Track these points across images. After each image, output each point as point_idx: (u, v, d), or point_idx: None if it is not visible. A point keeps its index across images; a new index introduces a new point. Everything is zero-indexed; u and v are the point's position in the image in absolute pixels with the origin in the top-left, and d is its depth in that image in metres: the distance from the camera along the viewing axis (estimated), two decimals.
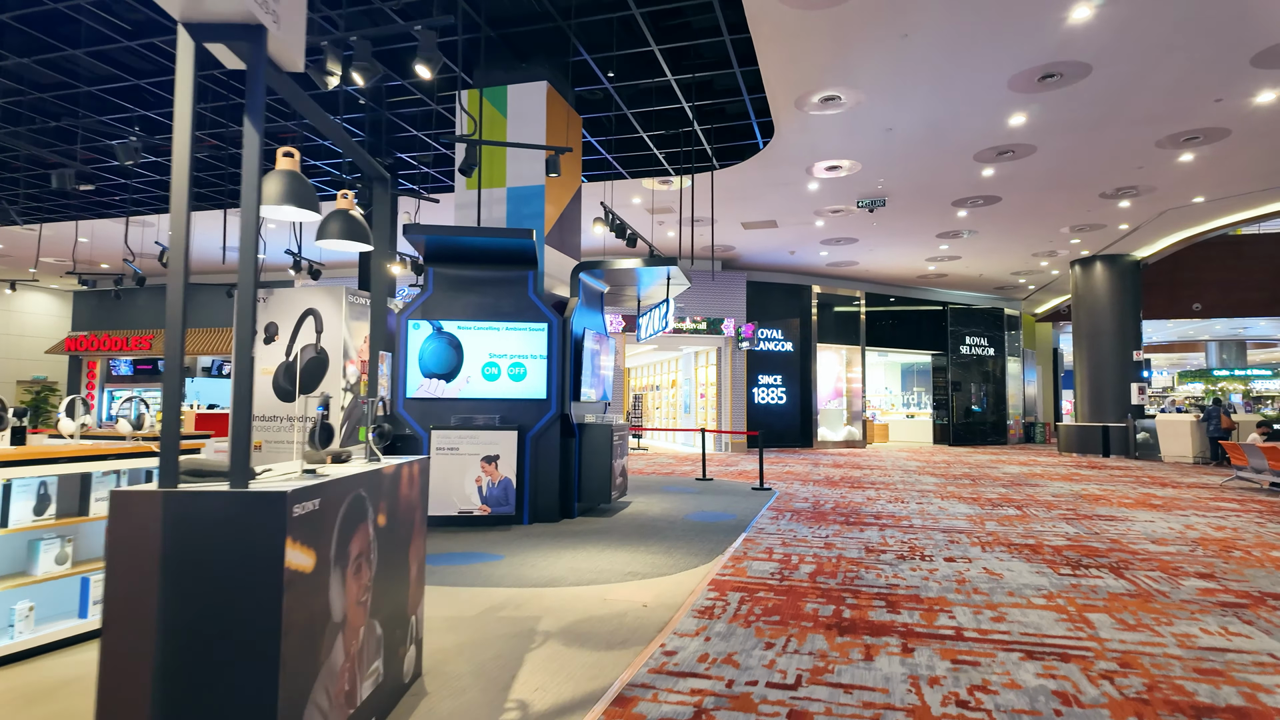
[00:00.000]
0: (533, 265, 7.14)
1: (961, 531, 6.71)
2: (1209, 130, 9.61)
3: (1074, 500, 8.97)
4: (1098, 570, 5.15)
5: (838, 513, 7.83)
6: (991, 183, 11.95)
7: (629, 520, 7.19)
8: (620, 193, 12.75)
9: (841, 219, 14.29)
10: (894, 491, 9.84)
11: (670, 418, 23.72)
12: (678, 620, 3.96)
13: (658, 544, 6.03)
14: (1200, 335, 33.96)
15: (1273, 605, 4.28)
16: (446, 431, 6.68)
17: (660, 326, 8.55)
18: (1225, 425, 13.76)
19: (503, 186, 8.06)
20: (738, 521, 7.18)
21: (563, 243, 8.28)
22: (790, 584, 4.74)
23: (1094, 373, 17.30)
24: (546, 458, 7.08)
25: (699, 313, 17.94)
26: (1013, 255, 17.46)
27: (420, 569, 3.11)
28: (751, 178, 11.81)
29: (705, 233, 15.69)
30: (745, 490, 9.83)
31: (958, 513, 7.90)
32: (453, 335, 6.95)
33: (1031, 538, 6.41)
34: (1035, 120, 9.37)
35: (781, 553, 5.71)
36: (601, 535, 6.41)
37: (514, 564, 5.28)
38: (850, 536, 6.41)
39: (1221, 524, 7.21)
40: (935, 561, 5.42)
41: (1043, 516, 7.65)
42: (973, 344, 22.88)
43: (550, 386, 7.06)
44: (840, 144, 10.32)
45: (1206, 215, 13.93)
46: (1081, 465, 14.40)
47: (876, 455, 17.17)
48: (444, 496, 6.63)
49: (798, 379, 19.59)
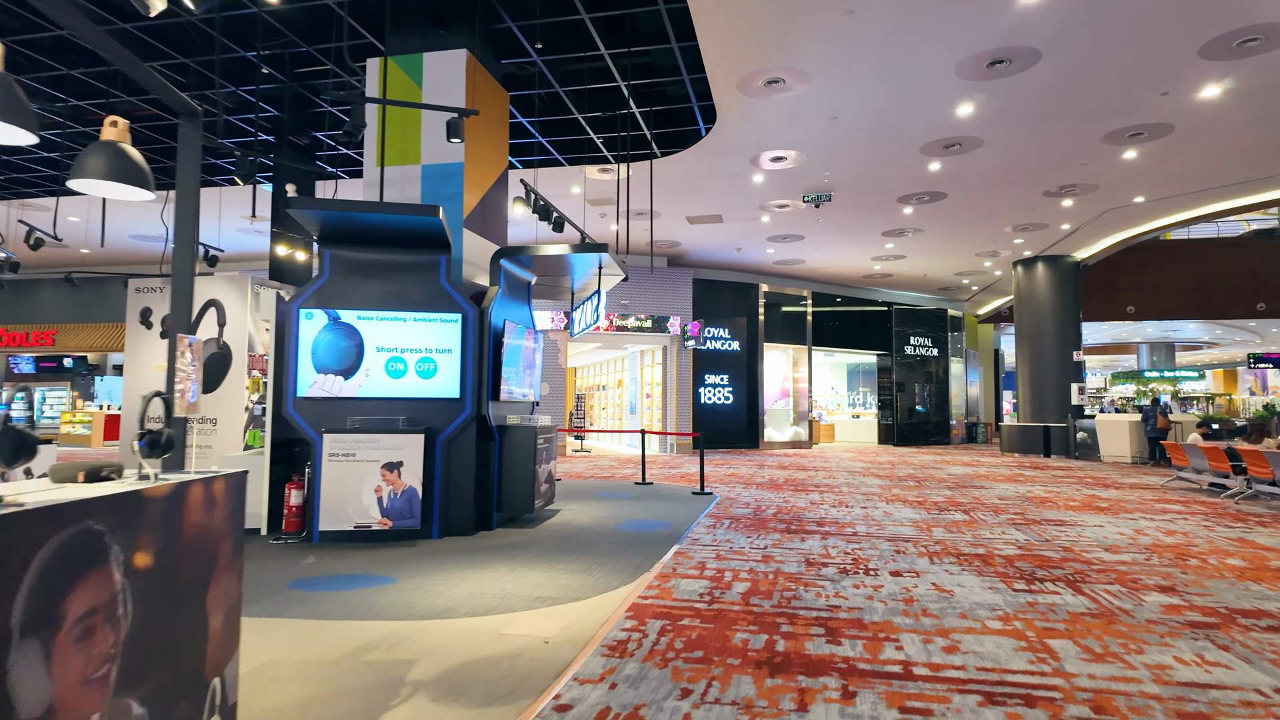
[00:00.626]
0: (445, 249, 6.42)
1: (908, 540, 6.27)
2: (1154, 126, 9.48)
3: (1021, 503, 8.69)
4: (1054, 585, 4.72)
5: (779, 520, 7.32)
6: (938, 178, 11.69)
7: (553, 532, 6.53)
8: (559, 181, 12.07)
9: (788, 215, 13.91)
10: (838, 495, 9.42)
11: (616, 419, 23.12)
12: (582, 659, 3.33)
13: (580, 560, 5.39)
14: (1133, 338, 35.07)
15: (1244, 625, 3.89)
16: (341, 435, 5.91)
17: (592, 320, 7.92)
18: (1161, 425, 13.86)
19: (417, 164, 7.31)
20: (672, 531, 6.60)
21: (486, 228, 7.56)
22: (720, 607, 4.16)
23: (1035, 373, 17.37)
24: (460, 464, 6.37)
25: (644, 310, 17.37)
26: (957, 255, 17.41)
27: (229, 618, 2.40)
28: (695, 168, 11.28)
29: (655, 229, 15.13)
30: (685, 495, 9.27)
31: (903, 518, 7.49)
32: (351, 326, 6.18)
33: (981, 546, 5.99)
34: (983, 111, 9.07)
35: (715, 568, 5.14)
36: (518, 551, 5.74)
37: (406, 589, 4.56)
38: (790, 547, 5.89)
39: (1171, 528, 6.95)
40: (880, 576, 4.93)
41: (991, 522, 7.29)
42: (917, 344, 22.93)
43: (465, 384, 6.35)
44: (785, 132, 9.87)
45: (1145, 216, 14.02)
46: (1024, 466, 14.34)
47: (822, 456, 16.88)
48: (337, 509, 5.86)
49: (745, 379, 19.20)
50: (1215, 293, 22.13)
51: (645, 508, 8.08)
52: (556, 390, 16.47)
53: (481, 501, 6.54)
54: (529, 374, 7.46)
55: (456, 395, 6.30)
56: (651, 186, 11.24)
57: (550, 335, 16.52)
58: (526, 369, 7.39)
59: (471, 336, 6.39)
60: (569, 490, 9.67)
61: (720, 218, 14.17)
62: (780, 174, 11.56)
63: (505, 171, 8.15)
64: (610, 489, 9.91)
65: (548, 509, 7.84)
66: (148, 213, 14.04)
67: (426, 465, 6.07)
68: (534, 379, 7.65)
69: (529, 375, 7.46)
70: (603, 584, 4.69)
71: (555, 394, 16.45)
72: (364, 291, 6.31)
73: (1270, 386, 37.54)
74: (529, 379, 7.46)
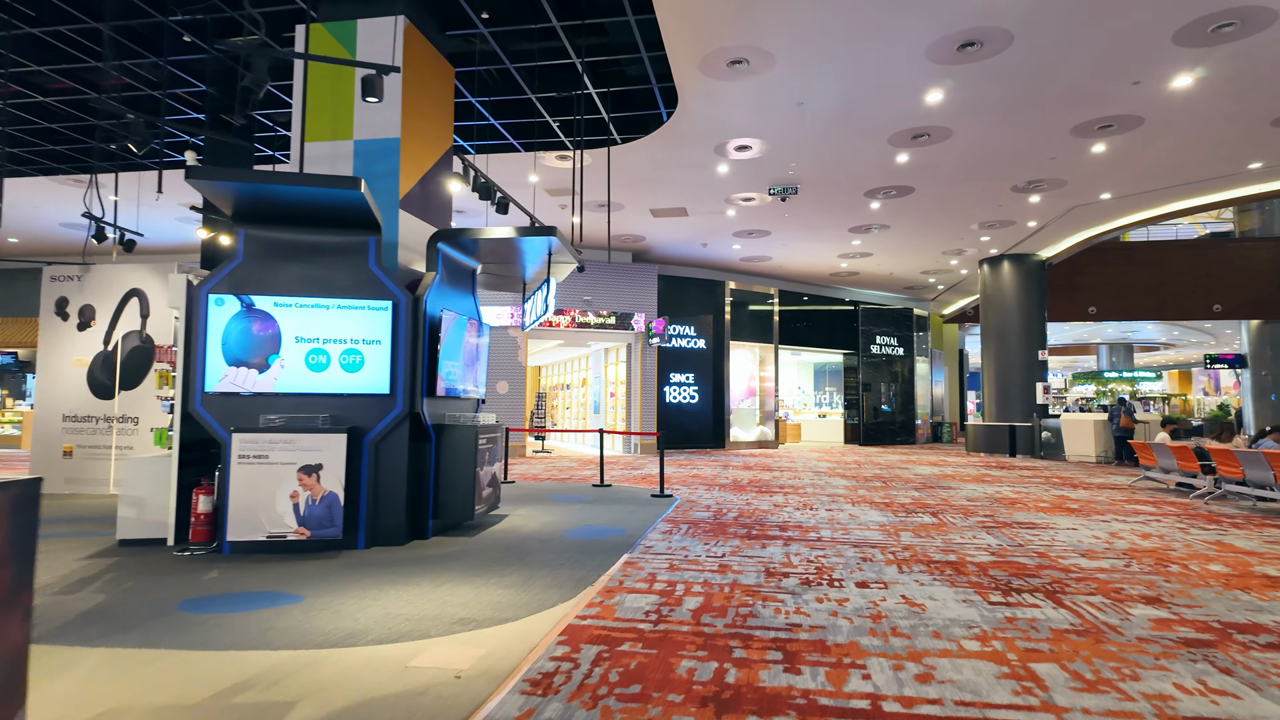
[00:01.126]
0: (374, 230, 5.84)
1: (874, 545, 5.86)
2: (1124, 118, 9.27)
3: (990, 505, 8.38)
4: (1032, 596, 4.33)
5: (740, 524, 6.88)
6: (905, 171, 11.39)
7: (494, 541, 5.99)
8: (515, 168, 11.50)
9: (753, 210, 13.52)
10: (803, 496, 9.02)
11: (581, 418, 22.57)
12: (497, 698, 2.82)
13: (517, 573, 4.87)
14: (1093, 339, 35.60)
15: (1241, 642, 3.53)
16: (252, 435, 5.30)
17: (542, 312, 7.38)
18: (1125, 425, 13.79)
19: (349, 139, 6.71)
20: (624, 538, 6.10)
21: (427, 211, 6.99)
22: (667, 628, 3.68)
23: (1001, 372, 17.27)
24: (390, 467, 5.80)
25: (607, 306, 16.86)
26: (924, 253, 17.23)
27: (9, 668, 1.84)
28: (657, 156, 10.81)
29: (618, 222, 14.63)
30: (644, 498, 8.79)
31: (870, 521, 7.10)
32: (267, 314, 5.57)
33: (952, 552, 5.61)
34: (952, 98, 8.76)
35: (666, 580, 4.65)
36: (451, 562, 5.19)
37: (312, 609, 4.00)
38: (750, 555, 5.44)
39: (1146, 531, 6.67)
40: (845, 588, 4.50)
41: (961, 525, 6.93)
42: (883, 344, 22.81)
43: (395, 379, 5.78)
44: (750, 119, 9.45)
45: (1111, 214, 13.93)
46: (991, 465, 14.16)
47: (788, 456, 16.55)
48: (249, 517, 5.25)
49: (710, 378, 18.82)
50: (1173, 294, 22.40)
51: (599, 512, 7.58)
52: (516, 389, 15.89)
53: (415, 508, 5.97)
54: (473, 369, 6.90)
55: (386, 391, 5.73)
56: (609, 173, 10.74)
57: (510, 331, 15.92)
58: (470, 363, 6.84)
59: (404, 326, 5.81)
60: (521, 494, 9.12)
61: (685, 211, 13.73)
62: (745, 165, 11.15)
63: (450, 152, 7.58)
64: (566, 492, 9.38)
65: (493, 514, 7.29)
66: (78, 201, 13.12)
67: (350, 468, 5.49)
68: (478, 374, 7.09)
69: (473, 370, 6.90)
70: (538, 601, 4.18)
71: (514, 392, 15.87)
72: (283, 275, 5.70)
73: (1223, 387, 38.42)
74: (473, 374, 6.90)
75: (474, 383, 6.95)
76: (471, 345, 6.82)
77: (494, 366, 15.83)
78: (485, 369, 7.27)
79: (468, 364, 6.76)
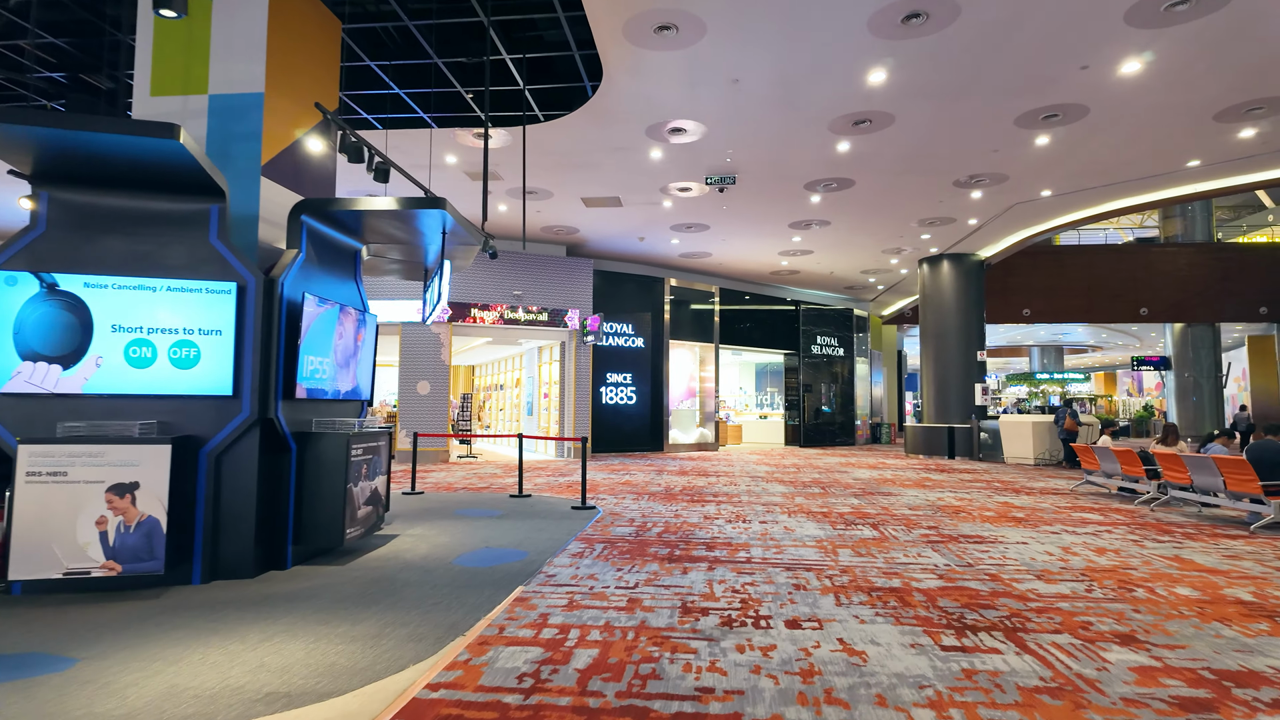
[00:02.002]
0: (216, 196, 4.82)
1: (810, 567, 5.16)
2: (1069, 107, 8.88)
3: (933, 514, 7.82)
4: (990, 636, 3.66)
5: (663, 541, 6.09)
6: (846, 162, 10.85)
7: (366, 571, 5.05)
8: (429, 148, 10.48)
9: (691, 201, 12.81)
10: (737, 506, 8.32)
11: (515, 420, 21.52)
12: None
13: (376, 617, 3.95)
14: (1026, 341, 36.36)
15: (1243, 700, 2.90)
16: (47, 447, 4.23)
17: (435, 301, 6.43)
18: (1069, 427, 13.62)
19: (203, 94, 5.65)
20: (525, 564, 5.24)
21: (303, 182, 5.97)
22: (541, 700, 2.84)
23: (940, 373, 17.04)
24: (236, 484, 4.79)
25: (538, 301, 15.92)
26: (864, 251, 16.86)
27: None
28: (585, 137, 9.97)
29: (548, 212, 13.72)
30: (563, 510, 7.94)
31: (807, 535, 6.41)
32: (75, 296, 4.50)
33: (895, 576, 4.94)
34: (895, 79, 8.19)
35: (559, 624, 3.82)
36: (299, 604, 4.23)
37: (71, 683, 3.01)
38: (667, 584, 4.65)
39: (1099, 544, 6.16)
40: (774, 630, 3.74)
41: (904, 540, 6.31)
42: (824, 344, 22.50)
43: (242, 378, 4.78)
44: (682, 98, 8.70)
45: (1050, 212, 13.75)
46: (930, 468, 13.80)
47: (727, 459, 15.92)
48: (41, 550, 4.18)
49: (649, 378, 18.07)
50: (1102, 297, 22.79)
51: (507, 530, 6.68)
52: (439, 390, 14.80)
53: (269, 533, 4.98)
54: (351, 366, 5.92)
55: (229, 392, 4.72)
56: (524, 153, 9.83)
57: (432, 328, 14.82)
58: (347, 359, 5.86)
59: (253, 314, 4.82)
60: (425, 507, 8.14)
61: (619, 200, 12.92)
62: (680, 151, 10.41)
63: (337, 117, 6.57)
64: (478, 504, 8.44)
65: (378, 536, 6.31)
66: None
67: (178, 486, 4.46)
68: (359, 373, 6.11)
69: (351, 368, 5.92)
70: (385, 661, 3.28)
71: (438, 394, 14.77)
72: (96, 250, 4.64)
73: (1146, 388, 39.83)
74: (350, 373, 5.92)
75: (352, 382, 5.96)
76: (349, 339, 5.84)
77: (414, 365, 14.71)
78: (371, 366, 6.29)
79: (343, 361, 5.78)
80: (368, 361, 6.22)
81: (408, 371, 14.73)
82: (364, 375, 6.15)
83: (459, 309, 14.95)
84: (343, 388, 5.77)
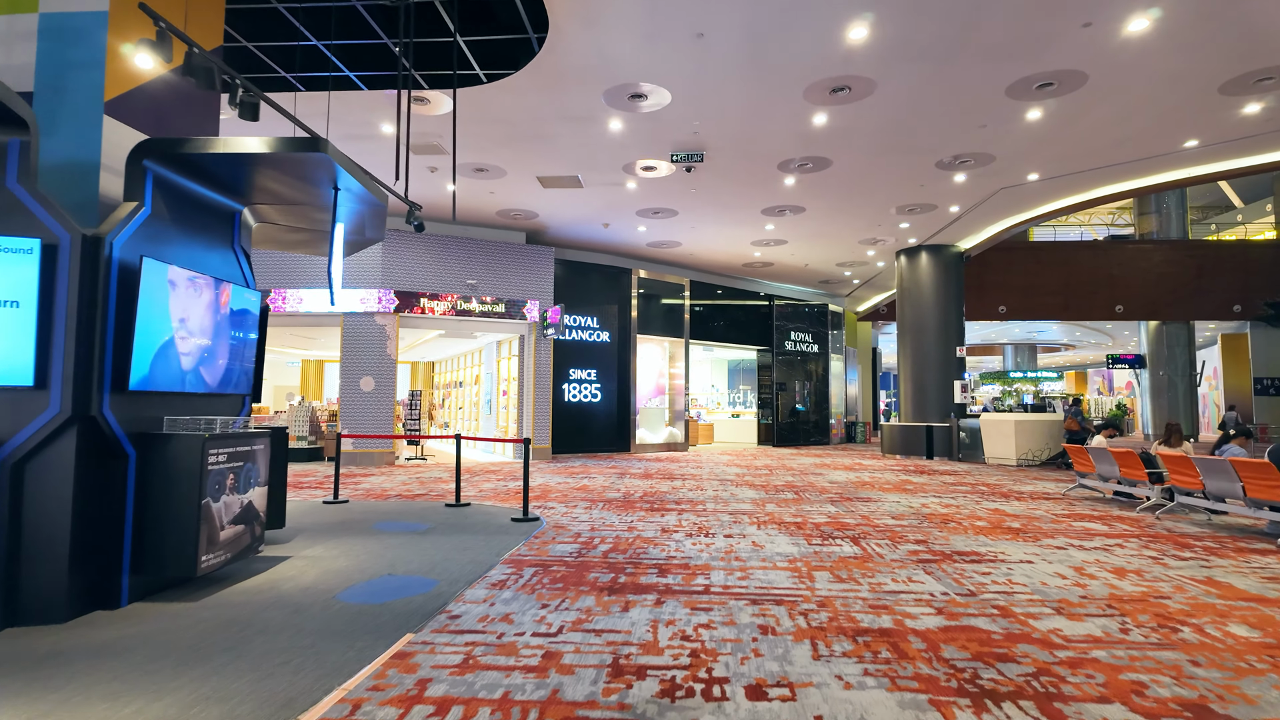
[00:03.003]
0: (16, 128, 3.73)
1: (781, 599, 4.21)
2: (1067, 75, 8.06)
3: (919, 524, 6.94)
4: (1019, 710, 2.73)
5: (608, 564, 5.11)
6: (823, 138, 9.95)
7: (221, 610, 3.98)
8: (362, 115, 9.36)
9: (657, 183, 11.84)
10: (701, 516, 7.37)
11: (474, 419, 20.38)
12: None
13: (190, 685, 2.91)
14: (1000, 339, 36.02)
15: None
16: None
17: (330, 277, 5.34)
18: (1070, 427, 12.89)
19: (33, 11, 4.53)
20: (429, 598, 4.22)
21: (161, 125, 4.87)
22: None
23: (917, 370, 16.29)
24: (44, 499, 3.70)
25: (494, 291, 14.83)
26: (840, 241, 16.04)
27: None
28: (536, 103, 8.94)
29: (503, 193, 12.65)
30: (500, 523, 6.92)
31: (777, 554, 5.48)
32: None
33: (885, 609, 4.01)
34: (878, 37, 7.29)
35: (437, 697, 2.81)
36: (103, 660, 3.17)
37: None
38: (600, 628, 3.66)
39: (1115, 562, 5.31)
40: (731, 701, 2.78)
41: (890, 558, 5.40)
42: (798, 340, 21.70)
43: (50, 362, 3.69)
44: (641, 56, 7.72)
45: (1035, 199, 13.02)
46: (909, 470, 13.00)
47: (696, 460, 14.99)
48: None
49: (615, 374, 17.08)
50: (1078, 294, 22.34)
51: (425, 549, 5.64)
52: (384, 387, 13.64)
53: (96, 562, 3.89)
54: (224, 353, 4.83)
55: (30, 381, 3.63)
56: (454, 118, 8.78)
57: (377, 318, 13.67)
58: (219, 345, 4.77)
59: (67, 281, 3.73)
60: (340, 519, 7.06)
61: (578, 180, 11.90)
62: (643, 122, 9.43)
63: (217, 53, 5.47)
64: (406, 515, 7.38)
65: (261, 559, 5.23)
66: None
67: None
68: (237, 362, 5.02)
69: (223, 355, 4.84)
70: None
71: (383, 391, 13.62)
72: None
73: (1116, 387, 39.80)
74: (223, 362, 4.83)
75: (224, 374, 4.88)
76: (222, 320, 4.76)
77: (357, 359, 13.54)
78: (254, 355, 5.20)
79: (213, 347, 4.69)
80: (249, 349, 5.13)
81: (350, 366, 13.56)
82: (242, 366, 5.06)
83: (406, 299, 13.81)
84: (210, 379, 4.69)
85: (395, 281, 13.81)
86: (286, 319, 13.88)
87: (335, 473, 8.37)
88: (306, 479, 10.85)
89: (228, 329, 4.82)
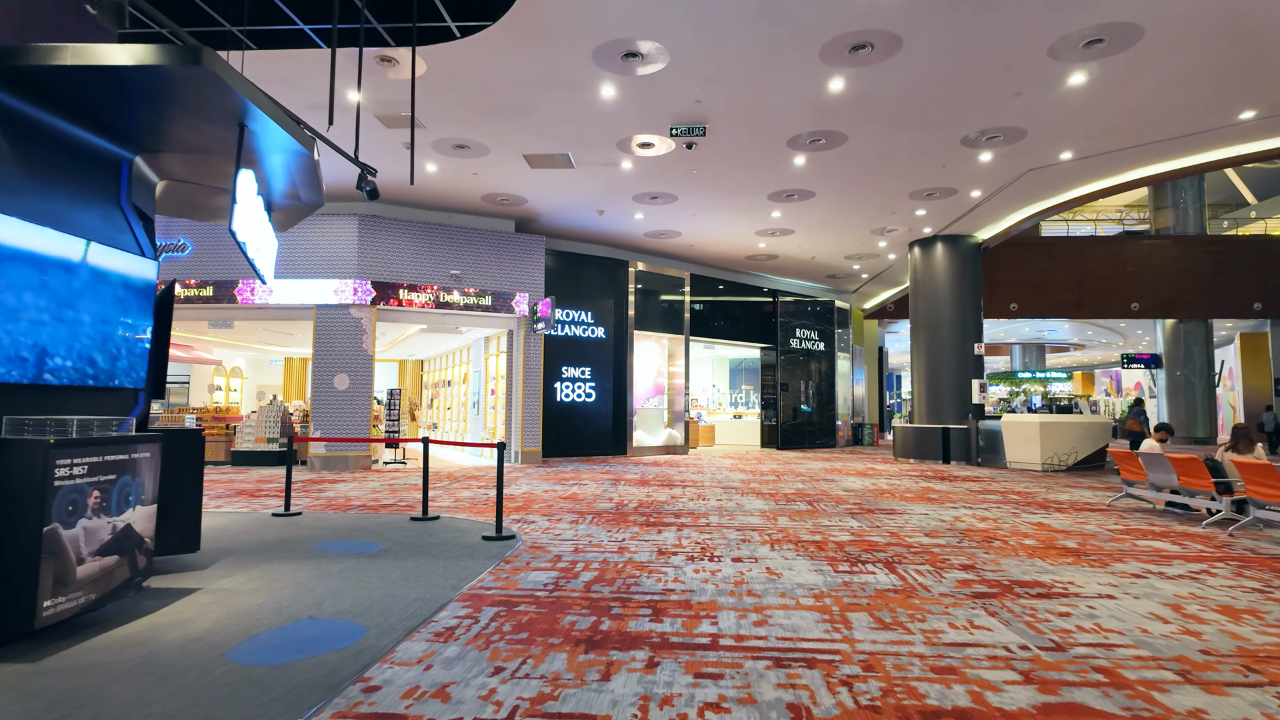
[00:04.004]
0: None
1: (813, 658, 3.20)
2: (1119, 29, 7.06)
3: (959, 543, 5.93)
4: None
5: (590, 602, 4.10)
6: (838, 108, 8.95)
7: (58, 676, 2.97)
8: (322, 77, 8.34)
9: (655, 163, 10.84)
10: (704, 533, 6.35)
11: (462, 420, 19.37)
12: None
13: None
14: (1008, 338, 35.02)
15: None
16: None
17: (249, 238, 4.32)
18: (1131, 428, 11.87)
19: None
20: (347, 655, 3.20)
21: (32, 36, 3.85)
22: None
23: (932, 368, 15.28)
24: None
25: (479, 283, 13.82)
26: (850, 230, 15.03)
27: None
28: (515, 64, 7.93)
29: (488, 175, 11.65)
30: (469, 541, 5.90)
31: (799, 585, 4.47)
32: None
33: (954, 676, 3.00)
34: None
35: None
36: None
37: None
38: (568, 710, 2.65)
39: (1218, 598, 4.30)
40: None
41: (938, 592, 4.39)
42: (803, 337, 20.69)
43: None
44: (632, 5, 6.71)
45: (1064, 182, 12.00)
46: (928, 475, 11.99)
47: (697, 464, 13.97)
48: None
49: (611, 373, 16.07)
50: (1092, 292, 21.42)
51: (365, 580, 4.62)
52: (361, 385, 12.62)
53: None
54: (95, 334, 3.81)
55: None
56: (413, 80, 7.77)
57: (352, 311, 12.64)
58: (98, 326, 3.75)
59: None
60: (279, 538, 6.04)
61: (568, 159, 10.89)
62: (639, 88, 8.42)
63: None
64: (361, 531, 6.36)
65: (153, 594, 4.21)
66: None
67: None
68: (121, 345, 3.99)
69: (105, 339, 3.81)
70: None
71: (359, 390, 12.60)
72: None
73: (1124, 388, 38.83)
74: (104, 347, 3.81)
75: (106, 362, 3.85)
76: (100, 293, 3.73)
77: (331, 355, 12.52)
78: (150, 340, 4.18)
79: (89, 329, 3.67)
80: (143, 333, 4.11)
81: (323, 363, 12.54)
82: (134, 352, 4.04)
83: (384, 290, 12.79)
84: (83, 369, 3.66)
85: (372, 271, 12.79)
86: (256, 312, 12.87)
87: (287, 481, 7.35)
88: (267, 485, 9.83)
89: (108, 304, 3.80)
